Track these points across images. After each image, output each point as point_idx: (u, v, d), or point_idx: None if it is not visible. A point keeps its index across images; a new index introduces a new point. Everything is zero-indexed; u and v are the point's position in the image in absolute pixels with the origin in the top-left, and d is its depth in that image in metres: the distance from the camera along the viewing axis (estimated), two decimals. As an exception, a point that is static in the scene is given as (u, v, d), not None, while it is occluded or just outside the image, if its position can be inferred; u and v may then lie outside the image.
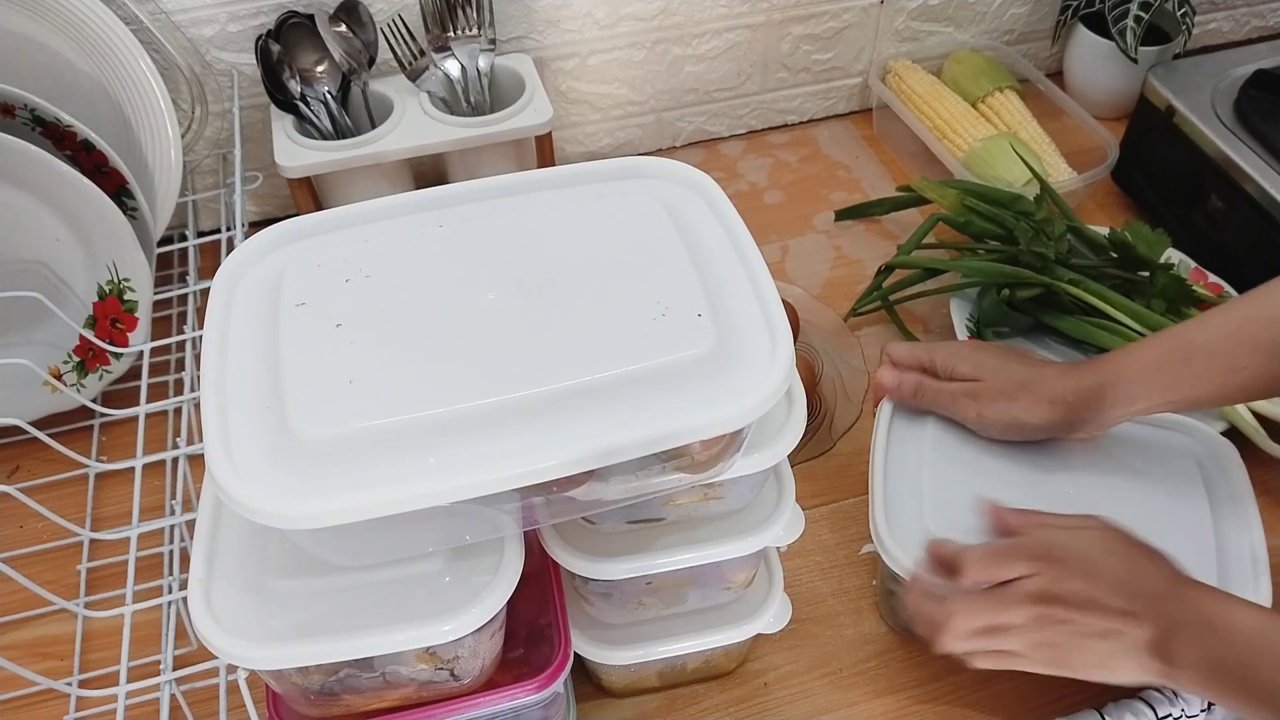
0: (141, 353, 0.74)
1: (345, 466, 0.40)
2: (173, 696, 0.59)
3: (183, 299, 0.86)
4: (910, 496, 0.63)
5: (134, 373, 0.77)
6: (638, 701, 0.65)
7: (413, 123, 0.87)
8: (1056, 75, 1.10)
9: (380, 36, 0.88)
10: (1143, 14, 0.96)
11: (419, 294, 0.46)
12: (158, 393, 0.79)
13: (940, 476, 0.64)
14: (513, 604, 0.48)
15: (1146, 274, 0.82)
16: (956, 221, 0.87)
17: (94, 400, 0.70)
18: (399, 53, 0.88)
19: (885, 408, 0.68)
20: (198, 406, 0.44)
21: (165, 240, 0.84)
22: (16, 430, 0.65)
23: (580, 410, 0.42)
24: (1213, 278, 0.85)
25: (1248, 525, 0.63)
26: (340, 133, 0.87)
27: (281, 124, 0.86)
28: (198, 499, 0.51)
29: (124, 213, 0.73)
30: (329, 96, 0.86)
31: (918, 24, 1.06)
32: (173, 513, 0.67)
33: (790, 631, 0.63)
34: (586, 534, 0.53)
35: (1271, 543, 0.62)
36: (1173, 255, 0.85)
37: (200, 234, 0.87)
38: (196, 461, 0.57)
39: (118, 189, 0.75)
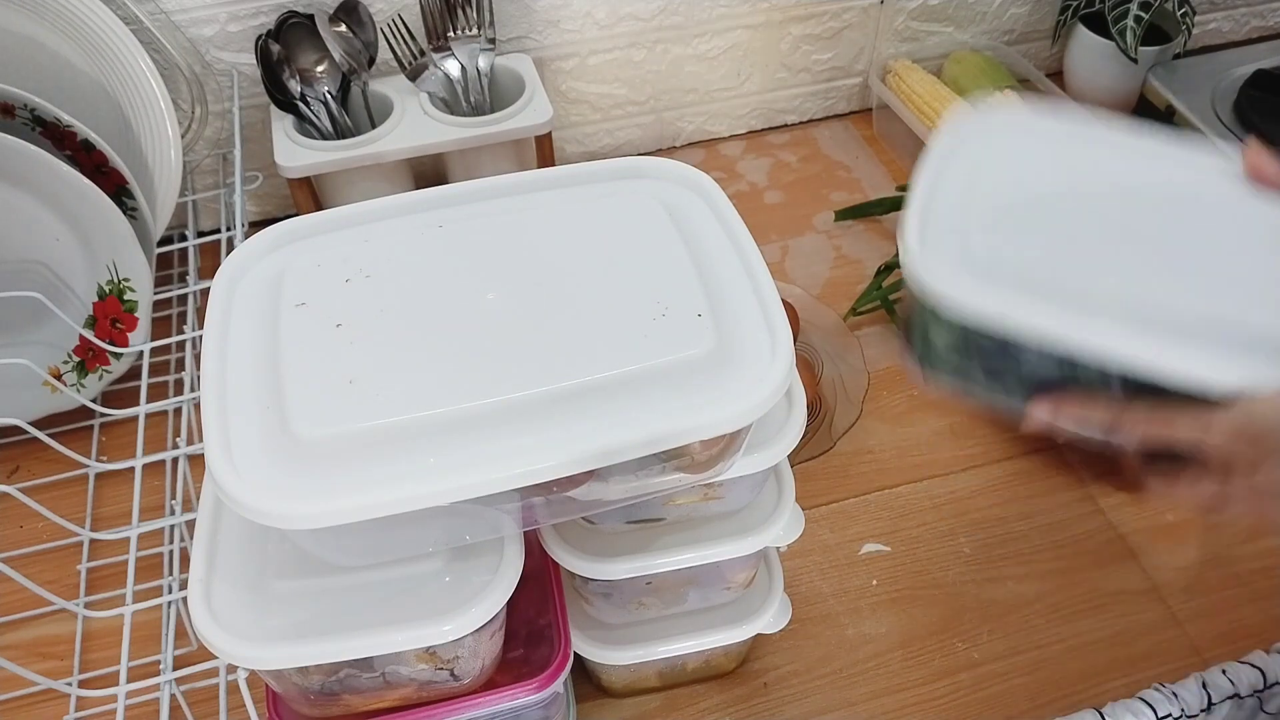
0: (141, 353, 0.74)
1: (345, 466, 0.40)
2: (173, 696, 0.59)
3: (183, 299, 0.86)
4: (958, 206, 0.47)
5: (134, 373, 0.77)
6: (638, 701, 0.65)
7: (413, 123, 0.87)
8: (1056, 75, 1.10)
9: (380, 36, 0.88)
10: (1143, 14, 0.96)
11: (419, 294, 0.46)
12: (158, 393, 0.79)
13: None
14: (513, 604, 0.47)
15: (1146, 274, 0.82)
16: (956, 221, 0.87)
17: (94, 400, 0.70)
18: (399, 53, 0.88)
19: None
20: (198, 406, 0.44)
21: (165, 240, 0.84)
22: (16, 430, 0.65)
23: (580, 410, 0.42)
24: (1213, 278, 0.85)
25: None
26: (340, 133, 0.87)
27: (281, 124, 0.86)
28: (198, 499, 0.51)
29: (124, 213, 0.72)
30: (329, 96, 0.86)
31: (918, 24, 1.06)
32: (173, 513, 0.67)
33: (790, 631, 0.63)
34: (586, 534, 0.53)
35: None
36: (1173, 255, 0.85)
37: (200, 234, 0.87)
38: (196, 461, 0.57)
39: (118, 189, 0.75)
